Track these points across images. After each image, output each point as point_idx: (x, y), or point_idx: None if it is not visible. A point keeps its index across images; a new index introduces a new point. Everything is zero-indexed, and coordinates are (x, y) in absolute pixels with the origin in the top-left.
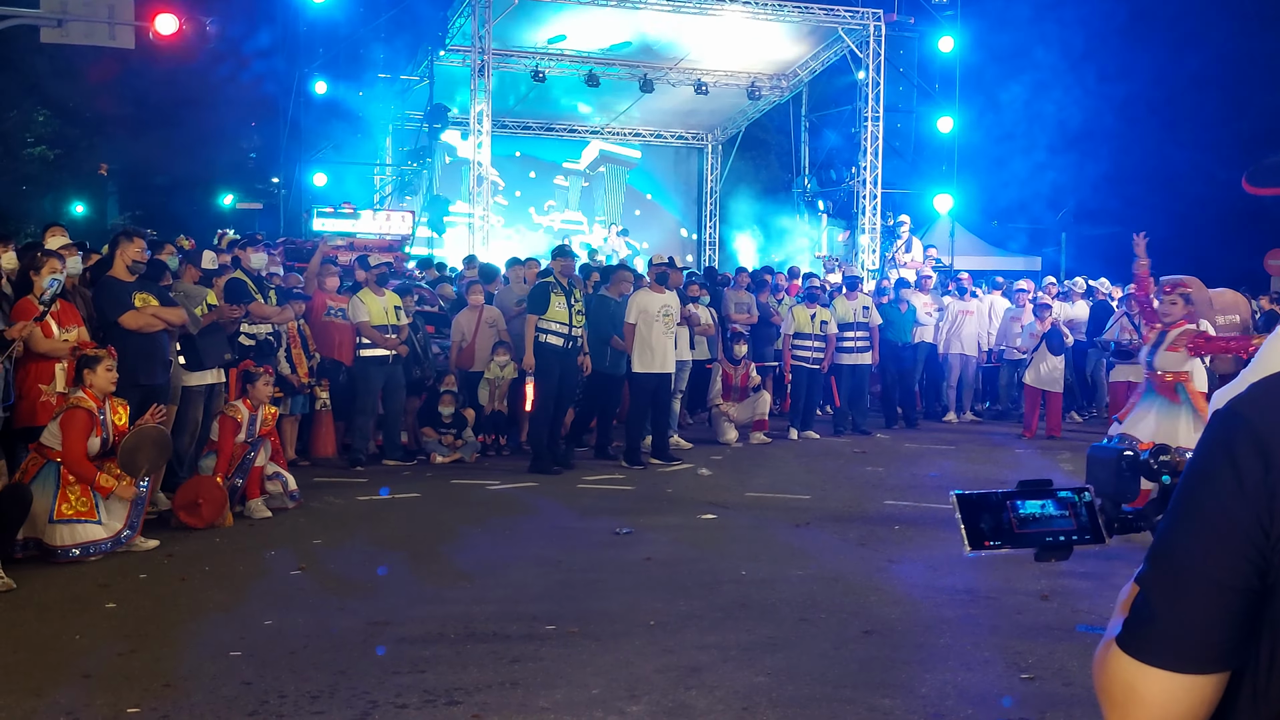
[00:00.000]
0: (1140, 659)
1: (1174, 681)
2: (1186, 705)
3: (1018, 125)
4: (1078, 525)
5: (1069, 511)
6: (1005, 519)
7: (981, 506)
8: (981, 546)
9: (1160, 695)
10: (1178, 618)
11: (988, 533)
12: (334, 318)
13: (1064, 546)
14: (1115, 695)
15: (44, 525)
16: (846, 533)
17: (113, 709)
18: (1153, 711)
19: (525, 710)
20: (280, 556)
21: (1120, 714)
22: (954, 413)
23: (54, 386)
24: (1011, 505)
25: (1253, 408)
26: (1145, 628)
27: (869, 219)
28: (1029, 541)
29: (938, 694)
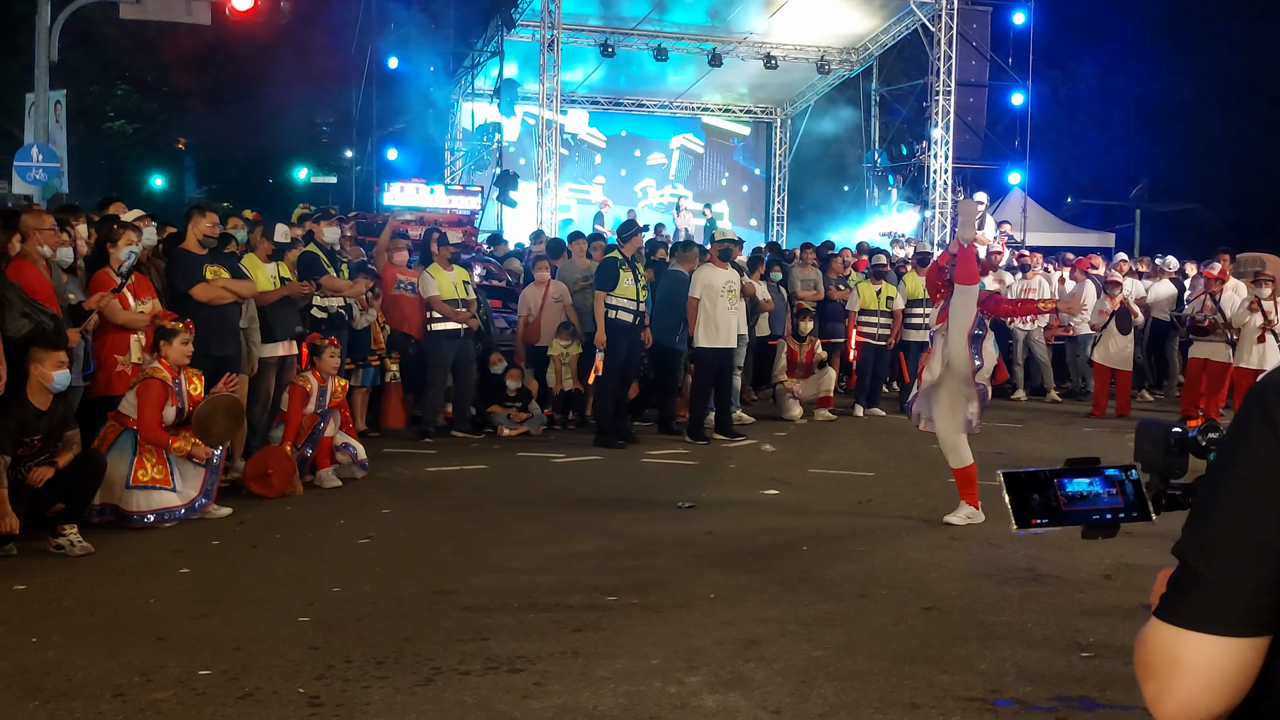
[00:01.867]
0: (1181, 625)
1: (1216, 645)
2: (1227, 670)
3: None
4: (1125, 503)
5: (1116, 489)
6: (1052, 497)
7: (1029, 485)
8: (1029, 524)
9: (1202, 660)
10: (1218, 580)
11: (1035, 510)
12: (403, 291)
13: (1111, 524)
14: (1156, 664)
15: (120, 491)
16: (909, 510)
17: (185, 670)
18: (1195, 678)
19: (585, 679)
20: (349, 525)
21: (1160, 684)
22: (1023, 391)
23: (129, 357)
24: (1058, 483)
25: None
26: (1185, 594)
27: (939, 194)
28: (1076, 519)
29: (996, 670)
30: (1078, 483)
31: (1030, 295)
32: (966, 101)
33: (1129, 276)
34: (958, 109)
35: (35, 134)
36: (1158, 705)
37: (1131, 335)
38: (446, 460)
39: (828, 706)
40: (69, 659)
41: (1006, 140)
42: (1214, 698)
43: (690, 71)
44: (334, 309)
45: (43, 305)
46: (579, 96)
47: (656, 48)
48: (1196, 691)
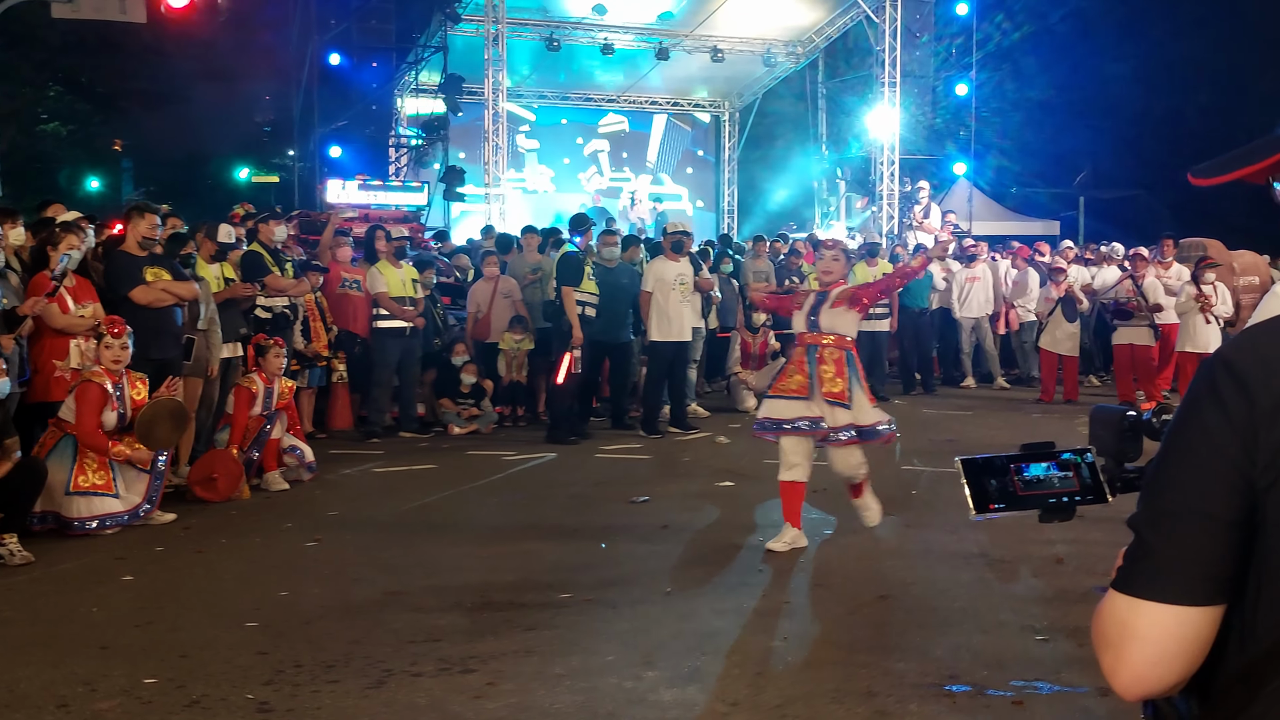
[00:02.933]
0: (1134, 594)
1: (1168, 614)
2: (1180, 639)
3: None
4: (1081, 486)
5: (1072, 473)
6: (1009, 482)
7: (986, 470)
8: (987, 509)
9: (1155, 629)
10: (1170, 550)
11: (992, 496)
12: (349, 290)
13: (1067, 507)
14: (1110, 635)
15: (61, 498)
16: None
17: (130, 679)
18: (1148, 647)
19: (540, 678)
20: (296, 528)
21: (1114, 654)
22: (971, 379)
23: (69, 362)
24: (1015, 468)
25: (1237, 352)
26: (1139, 564)
27: (886, 185)
28: (1033, 503)
29: (952, 656)
30: (1034, 468)
31: (975, 281)
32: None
33: (1075, 263)
34: (903, 100)
35: None
36: (1113, 675)
37: (1078, 322)
38: (395, 461)
39: (784, 697)
40: (10, 670)
41: (952, 130)
42: (1167, 667)
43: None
44: (279, 309)
45: None
46: (525, 91)
47: (602, 42)
48: (1150, 661)
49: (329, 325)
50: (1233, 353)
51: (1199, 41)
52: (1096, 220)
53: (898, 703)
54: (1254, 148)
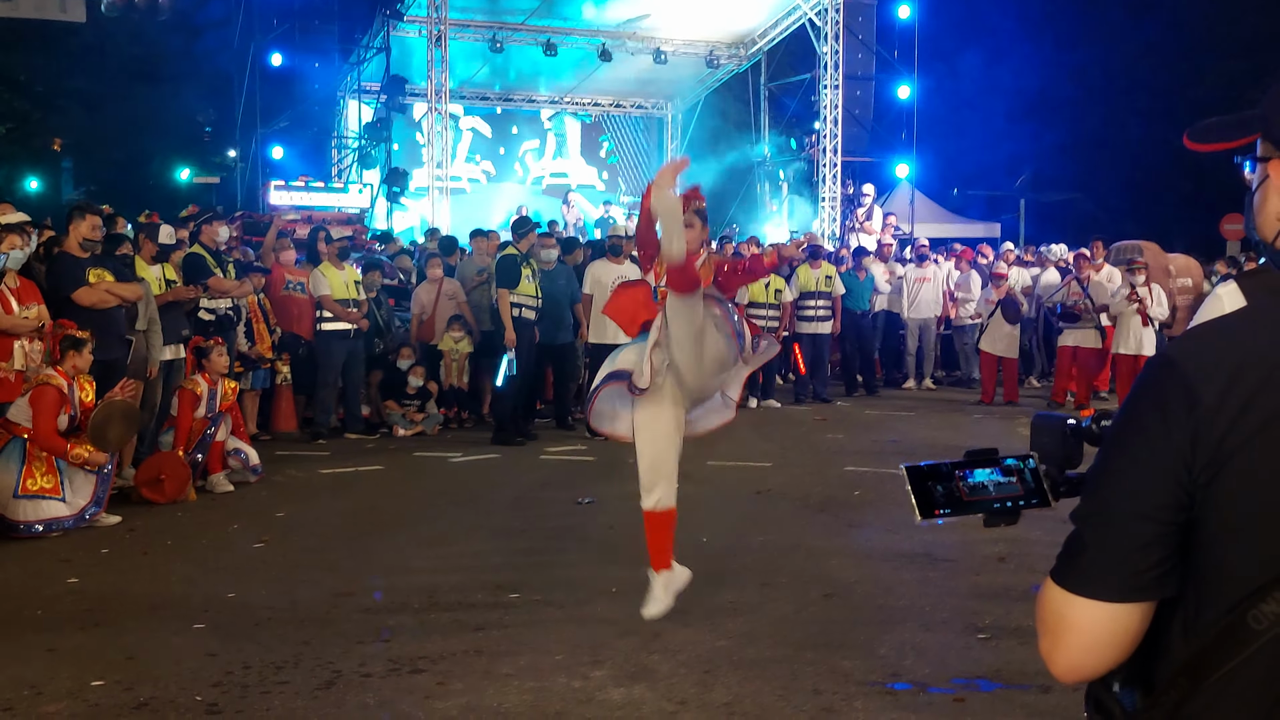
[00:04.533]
0: (1067, 588)
1: (1100, 610)
2: (1111, 633)
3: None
4: (1024, 490)
5: (1015, 478)
6: (954, 488)
7: (930, 477)
8: (932, 515)
9: (1087, 623)
10: (1104, 549)
11: (937, 501)
12: (293, 291)
13: (1012, 511)
14: (1048, 623)
15: (7, 500)
16: (807, 499)
17: (76, 682)
18: (1080, 638)
19: (489, 677)
20: (243, 530)
21: (1052, 640)
22: (914, 380)
23: (13, 363)
24: (959, 474)
25: (1181, 353)
26: (1074, 559)
27: (829, 187)
28: (977, 508)
29: (896, 654)
30: (979, 473)
31: (925, 282)
32: (854, 95)
33: (1015, 265)
34: (845, 102)
35: None
36: (1050, 661)
37: (1017, 324)
38: (341, 462)
39: (732, 695)
40: None
41: (894, 133)
42: (1099, 656)
43: (580, 66)
44: (222, 310)
45: None
46: (467, 92)
47: (545, 42)
48: (1083, 650)
49: (272, 327)
50: (1177, 354)
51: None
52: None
53: (843, 700)
54: (1241, 119)
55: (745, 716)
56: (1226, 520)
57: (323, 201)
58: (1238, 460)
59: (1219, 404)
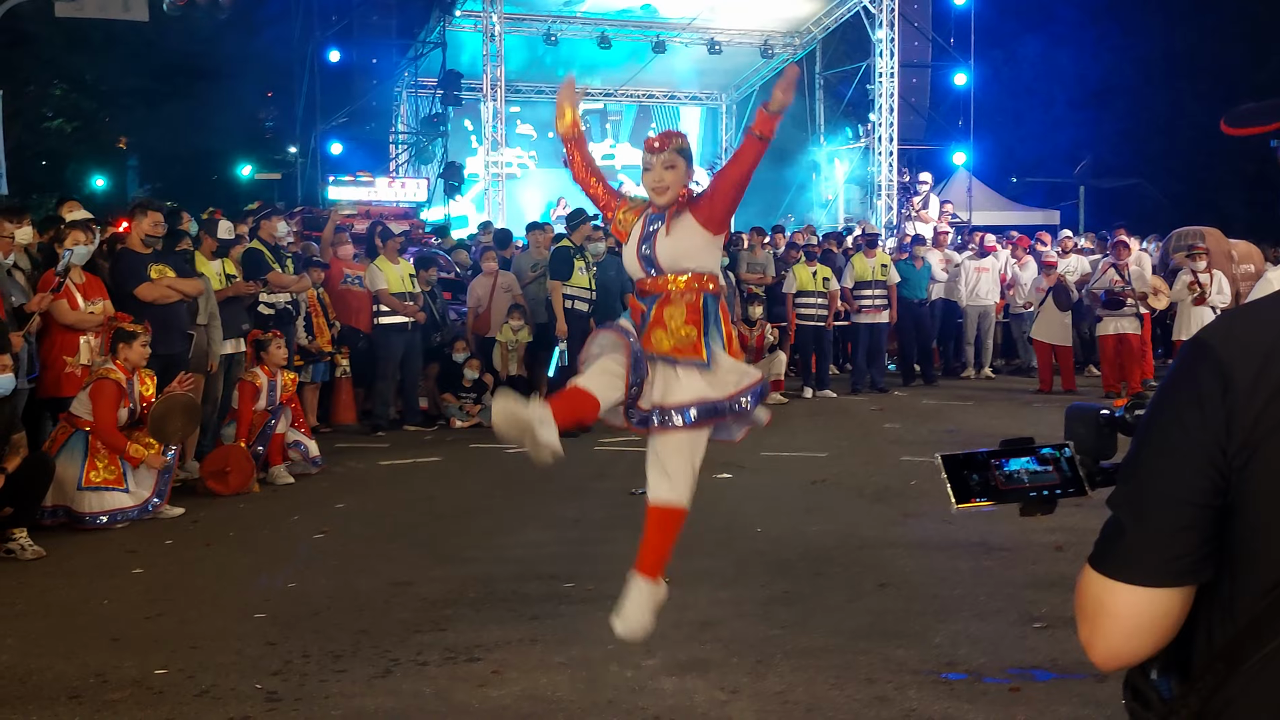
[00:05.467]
0: (1106, 574)
1: (1138, 595)
2: (1150, 618)
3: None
4: (1061, 479)
5: (1051, 467)
6: (990, 476)
7: (966, 466)
8: (968, 503)
9: (1125, 608)
10: (1141, 534)
11: (974, 490)
12: (351, 285)
13: (1048, 500)
14: (1087, 609)
15: (73, 492)
16: (862, 489)
17: (140, 670)
18: (1120, 624)
19: (544, 666)
20: (303, 521)
21: (1091, 627)
22: (972, 369)
23: (79, 358)
24: (995, 463)
25: (1215, 335)
26: (1112, 544)
27: (885, 175)
28: (1013, 497)
29: (951, 643)
30: (1015, 462)
31: (984, 272)
32: (910, 83)
33: (1074, 253)
34: (901, 90)
35: None
36: (1090, 648)
37: (1069, 312)
38: (400, 454)
39: (784, 684)
40: (23, 663)
41: (950, 120)
42: (1139, 642)
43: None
44: (281, 305)
45: None
46: (522, 85)
47: (600, 35)
48: (1122, 636)
49: (331, 321)
50: (1210, 336)
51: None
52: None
53: (897, 689)
54: (1276, 104)
55: (798, 705)
56: (1261, 504)
57: (380, 196)
58: (1273, 443)
59: (1253, 386)
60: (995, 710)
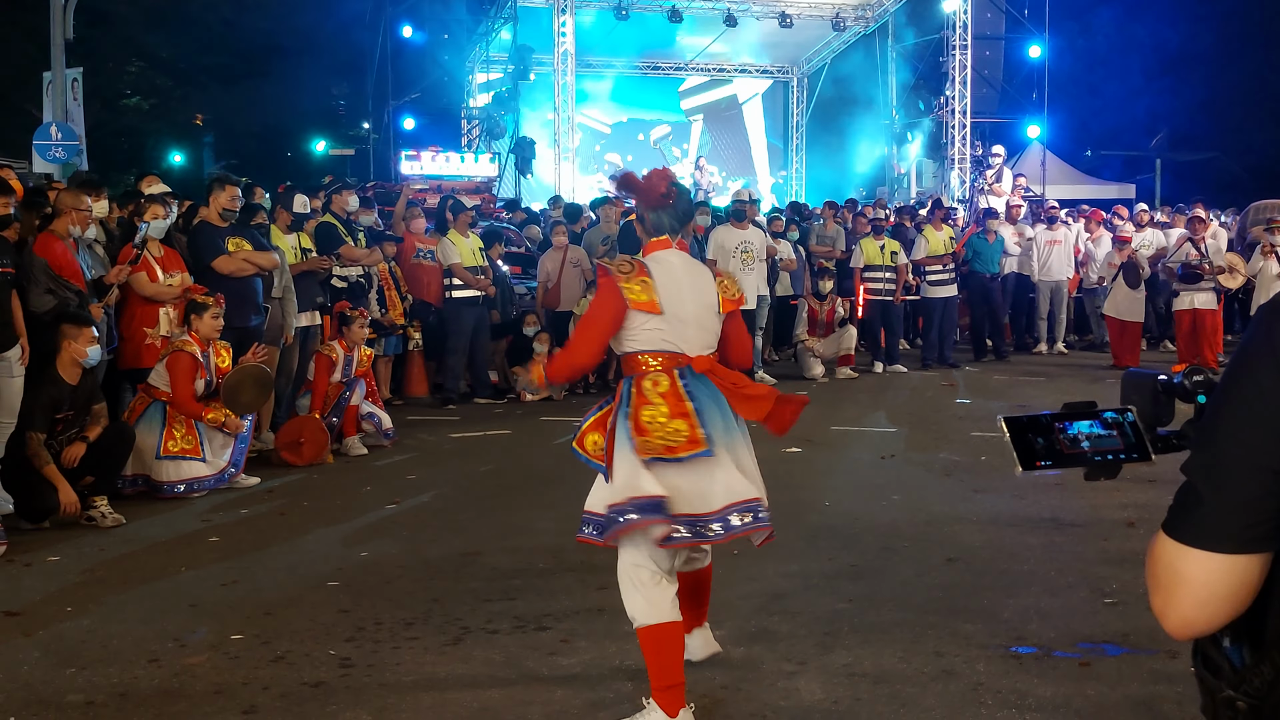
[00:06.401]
0: (1182, 541)
1: (1214, 562)
2: (1227, 585)
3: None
4: (1125, 444)
5: (1115, 431)
6: (1054, 440)
7: (1030, 429)
8: (1033, 467)
9: (1201, 575)
10: (1218, 499)
11: (1038, 453)
12: (422, 260)
13: (1112, 465)
14: (1161, 577)
15: (151, 461)
16: (932, 464)
17: (218, 635)
18: (1195, 592)
19: (611, 635)
20: (375, 492)
21: (1165, 596)
22: (1045, 344)
23: (158, 330)
24: (1059, 426)
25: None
26: (1188, 511)
27: (958, 149)
28: (1078, 461)
29: (1020, 618)
30: (1078, 425)
31: (1056, 244)
32: (983, 55)
33: (1150, 227)
34: (974, 63)
35: (54, 112)
36: (1163, 617)
37: (1140, 287)
38: (470, 426)
39: (851, 657)
40: (104, 627)
41: (1024, 93)
42: (1214, 610)
43: (704, 32)
44: (354, 278)
45: (69, 281)
46: (593, 60)
47: (670, 9)
48: (1197, 604)
49: (404, 294)
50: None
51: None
52: (1175, 183)
53: (965, 663)
54: None
55: (865, 678)
56: None
57: (452, 170)
58: None
59: None
60: (1065, 684)
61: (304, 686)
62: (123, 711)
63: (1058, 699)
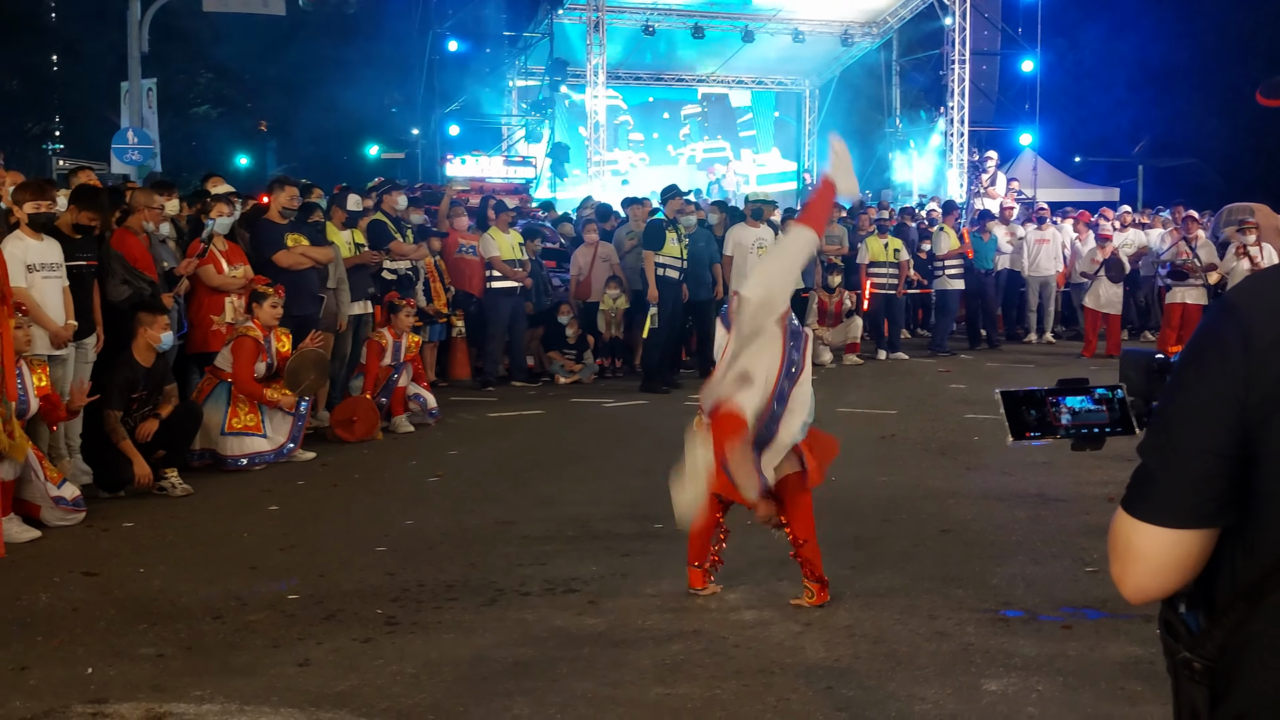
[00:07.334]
0: (1136, 516)
1: (1164, 536)
2: (1175, 558)
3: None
4: (1111, 419)
5: (1104, 407)
6: (1047, 413)
7: (1025, 402)
8: (1023, 437)
9: (1152, 548)
10: (1167, 479)
11: (1029, 425)
12: (465, 254)
13: (1098, 437)
14: (1118, 548)
15: (217, 437)
16: (929, 444)
17: (275, 595)
18: (1146, 563)
19: (635, 597)
20: (420, 466)
21: (1121, 565)
22: (1034, 334)
23: (224, 317)
24: (1052, 400)
25: (1241, 296)
26: (1141, 489)
27: (956, 155)
28: (1066, 433)
29: (1007, 584)
30: (1070, 400)
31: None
32: (980, 69)
33: (1132, 228)
34: (972, 76)
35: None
36: (1121, 584)
37: (1121, 282)
38: (507, 407)
39: (853, 619)
40: (173, 586)
41: (1018, 104)
42: (1164, 579)
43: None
44: (402, 271)
45: (142, 273)
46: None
47: (694, 26)
48: (1148, 574)
49: (447, 286)
50: (1236, 295)
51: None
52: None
53: (957, 625)
54: None
55: (865, 638)
56: None
57: (493, 173)
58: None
59: (1273, 345)
60: (1048, 645)
61: (354, 642)
62: (190, 663)
63: (1041, 658)
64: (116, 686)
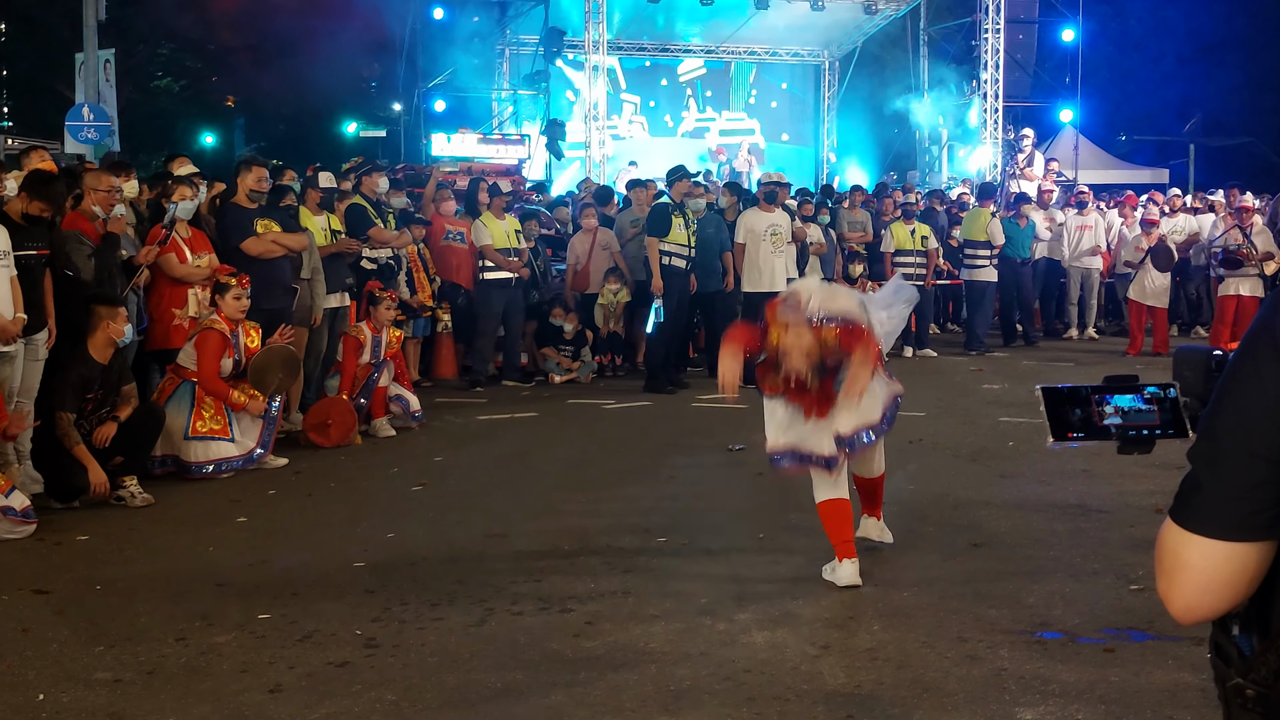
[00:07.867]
0: (1185, 527)
1: (1215, 549)
2: (1227, 573)
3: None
4: (1161, 420)
5: (1155, 407)
6: (1091, 413)
7: (1068, 400)
8: (1065, 438)
9: (1202, 562)
10: (1218, 488)
11: (1072, 425)
12: (452, 242)
13: (1147, 440)
14: (1165, 563)
15: (180, 442)
16: (959, 449)
17: (245, 615)
18: (1196, 578)
19: (636, 618)
20: (402, 473)
21: (1168, 580)
22: (1075, 329)
23: (187, 310)
24: (1097, 399)
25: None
26: (1190, 498)
27: (990, 133)
28: (1113, 434)
29: (1044, 604)
30: (1118, 398)
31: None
32: (1016, 39)
33: (1182, 212)
34: (1007, 46)
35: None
36: (1168, 601)
37: (1168, 273)
38: (497, 409)
39: (875, 641)
40: (132, 605)
41: (1057, 77)
42: (1215, 596)
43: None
44: (383, 260)
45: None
46: (624, 43)
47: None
48: (1197, 590)
49: (432, 276)
50: None
51: None
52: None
53: (989, 648)
54: None
55: (888, 663)
56: None
57: (482, 153)
58: None
59: None
60: (1088, 670)
61: (329, 666)
62: (150, 689)
63: (1081, 685)
64: (70, 714)
